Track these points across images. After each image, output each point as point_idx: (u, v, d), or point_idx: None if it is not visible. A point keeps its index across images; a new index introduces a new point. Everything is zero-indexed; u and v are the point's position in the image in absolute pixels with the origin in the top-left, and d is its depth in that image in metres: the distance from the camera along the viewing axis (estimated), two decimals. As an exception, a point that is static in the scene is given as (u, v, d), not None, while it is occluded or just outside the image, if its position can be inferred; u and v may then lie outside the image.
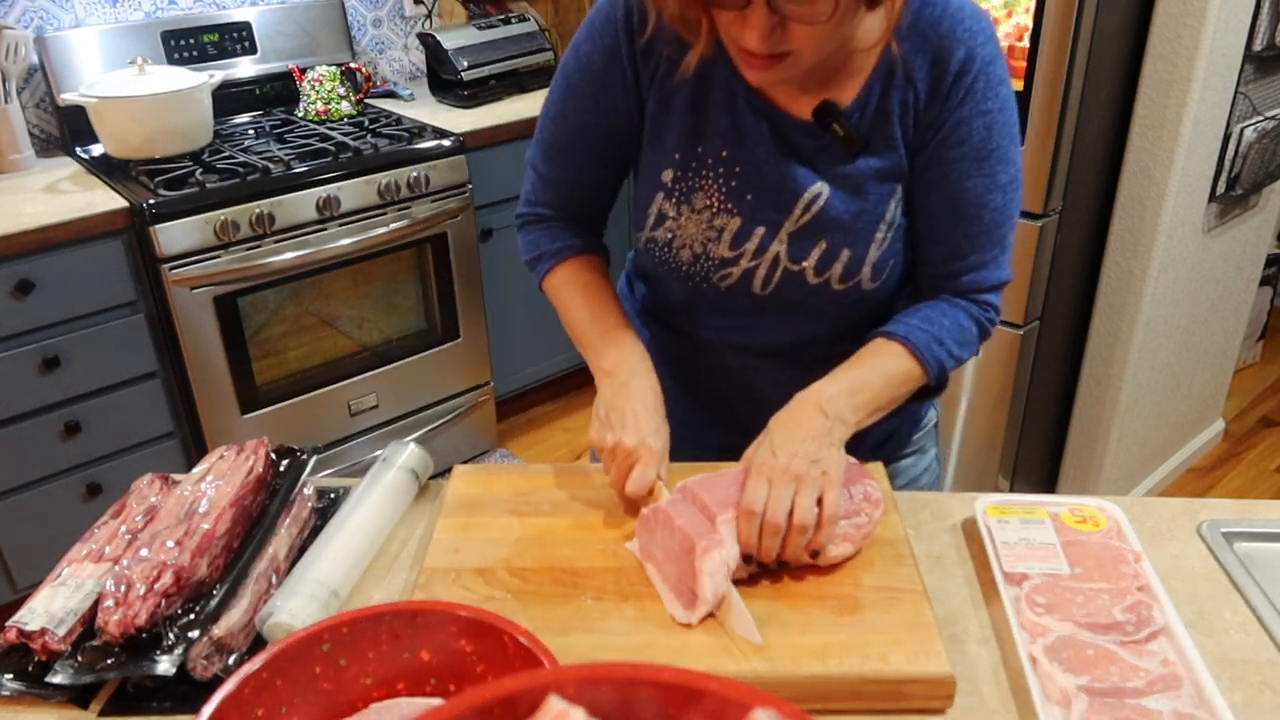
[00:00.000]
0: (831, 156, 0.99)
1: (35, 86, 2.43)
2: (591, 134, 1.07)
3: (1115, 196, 2.16)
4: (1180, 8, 1.94)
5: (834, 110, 0.97)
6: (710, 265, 1.05)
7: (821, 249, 1.01)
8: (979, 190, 0.98)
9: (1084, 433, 2.41)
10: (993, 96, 0.96)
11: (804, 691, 0.79)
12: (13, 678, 0.83)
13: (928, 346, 1.00)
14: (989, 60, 0.95)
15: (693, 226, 1.03)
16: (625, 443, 0.97)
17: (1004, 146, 0.98)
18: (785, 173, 1.00)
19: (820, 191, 0.99)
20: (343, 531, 0.96)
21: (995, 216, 1.00)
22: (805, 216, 1.00)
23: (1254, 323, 3.17)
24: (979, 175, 0.98)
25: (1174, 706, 0.76)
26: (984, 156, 0.97)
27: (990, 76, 0.95)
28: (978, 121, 0.96)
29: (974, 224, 1.00)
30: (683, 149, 1.02)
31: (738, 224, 1.02)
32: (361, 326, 2.50)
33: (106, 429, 2.17)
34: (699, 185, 1.02)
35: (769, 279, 1.04)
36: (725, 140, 1.00)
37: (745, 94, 0.99)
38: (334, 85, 2.61)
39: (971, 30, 0.95)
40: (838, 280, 1.02)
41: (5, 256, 1.93)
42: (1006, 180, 0.99)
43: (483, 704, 0.56)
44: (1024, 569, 0.91)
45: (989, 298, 1.05)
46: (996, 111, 0.96)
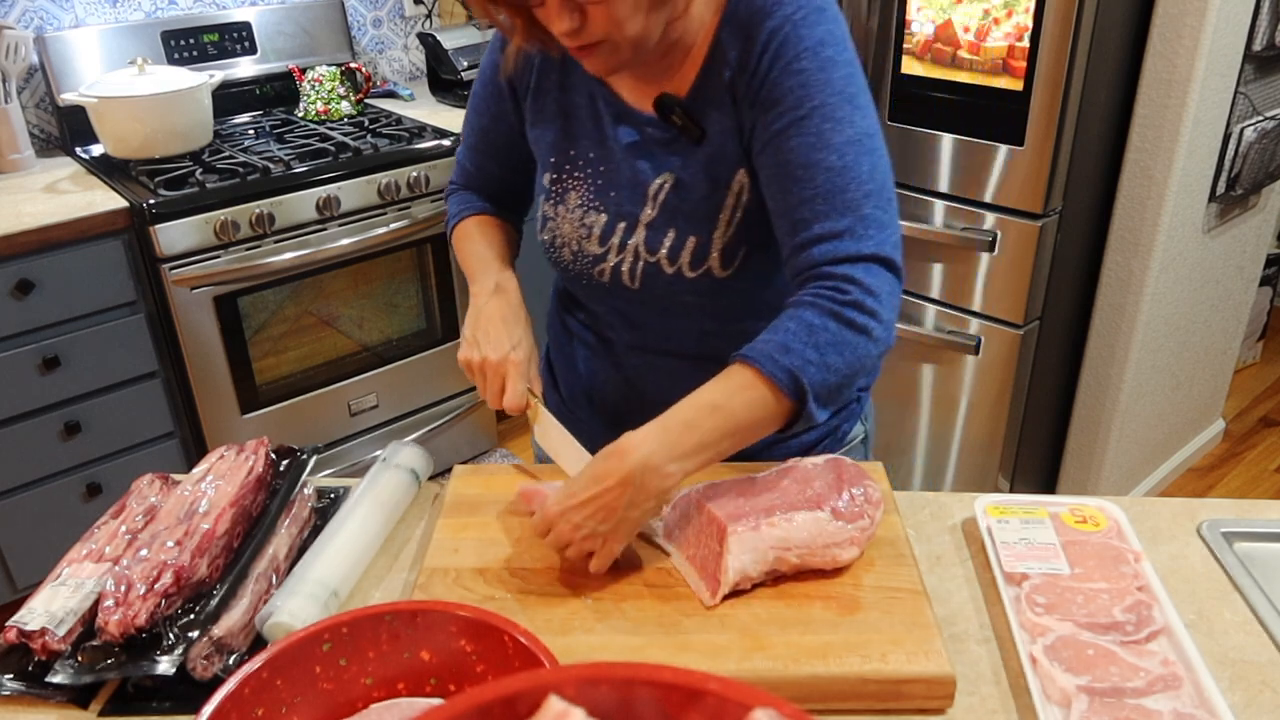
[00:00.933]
0: (677, 147, 1.02)
1: (35, 86, 2.43)
2: (488, 135, 1.17)
3: (1115, 196, 2.16)
4: (1180, 8, 1.94)
5: (672, 101, 1.00)
6: (586, 262, 1.08)
7: (671, 238, 1.03)
8: (803, 150, 0.91)
9: (1084, 433, 2.41)
10: (805, 55, 0.91)
11: (804, 691, 0.79)
12: (13, 678, 0.83)
13: (769, 358, 0.87)
14: (798, 22, 0.92)
15: (568, 226, 1.08)
16: (490, 358, 1.04)
17: (830, 104, 0.91)
18: (638, 166, 1.03)
19: (665, 181, 1.02)
20: (343, 531, 0.96)
21: (832, 177, 0.90)
22: (656, 206, 1.03)
23: (1254, 323, 3.17)
24: (800, 134, 0.91)
25: (1174, 706, 0.76)
26: (805, 116, 0.91)
27: (801, 37, 0.92)
28: (790, 81, 0.92)
29: (806, 186, 0.91)
30: (557, 153, 1.08)
31: (604, 220, 1.06)
32: (361, 326, 2.50)
33: (106, 429, 2.17)
34: (572, 185, 1.08)
35: (634, 272, 1.06)
36: (590, 141, 1.06)
37: (602, 94, 1.04)
38: (334, 85, 2.61)
39: (781, 1, 0.93)
40: (689, 268, 1.03)
41: (5, 256, 1.93)
42: (841, 141, 0.91)
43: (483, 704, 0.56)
44: (1024, 569, 0.91)
45: (852, 273, 0.90)
46: (814, 70, 0.91)
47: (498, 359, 1.04)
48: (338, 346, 2.48)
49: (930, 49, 2.04)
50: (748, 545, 0.86)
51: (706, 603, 0.87)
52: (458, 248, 1.20)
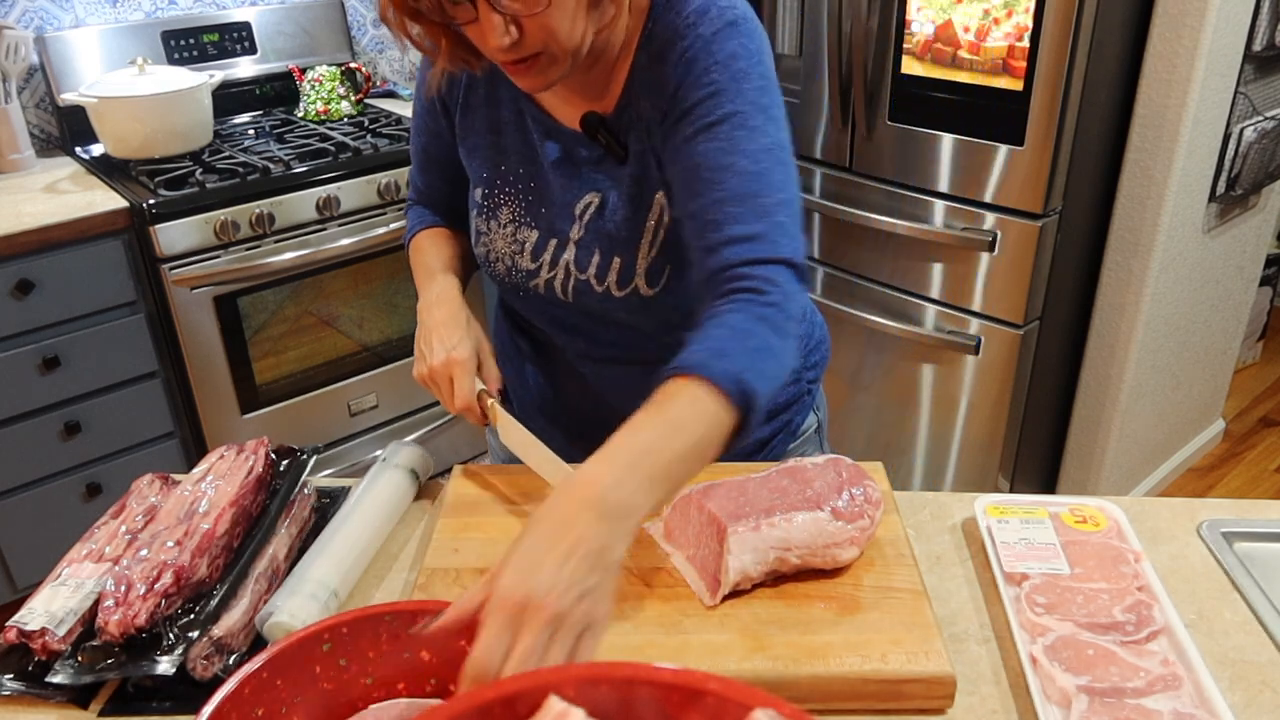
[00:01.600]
0: (603, 166, 1.01)
1: (35, 86, 2.43)
2: (428, 151, 1.17)
3: (1115, 196, 2.16)
4: (1180, 8, 1.94)
5: (596, 120, 0.99)
6: (520, 276, 1.08)
7: (598, 258, 1.02)
8: (713, 154, 0.90)
9: (1084, 433, 2.41)
10: (716, 69, 0.91)
11: (804, 691, 0.79)
12: (13, 678, 0.83)
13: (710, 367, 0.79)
14: (708, 39, 0.92)
15: (500, 241, 1.08)
16: (433, 364, 1.02)
17: (743, 113, 0.91)
18: (567, 185, 1.03)
19: (591, 201, 1.02)
20: (343, 531, 0.96)
21: (746, 181, 0.89)
22: (582, 226, 1.03)
23: (1254, 323, 3.17)
24: (710, 140, 0.91)
25: (1174, 706, 0.76)
26: (715, 124, 0.91)
27: (710, 51, 0.91)
28: (700, 93, 0.91)
29: (719, 188, 0.89)
30: (489, 168, 1.08)
31: (535, 236, 1.06)
32: (361, 326, 2.50)
33: (106, 429, 2.17)
34: (503, 200, 1.07)
35: (565, 287, 1.06)
36: (520, 157, 1.05)
37: (531, 111, 1.04)
38: (334, 85, 2.61)
39: (690, 17, 0.93)
40: (616, 287, 1.03)
41: (5, 256, 1.93)
42: (754, 148, 0.90)
43: (483, 704, 0.56)
44: (1024, 569, 0.91)
45: (771, 275, 0.87)
46: (725, 82, 0.91)
47: (440, 362, 1.03)
48: (338, 346, 2.48)
49: (930, 49, 2.04)
50: (748, 545, 0.86)
51: (707, 603, 0.87)
52: (411, 264, 1.19)
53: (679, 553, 0.93)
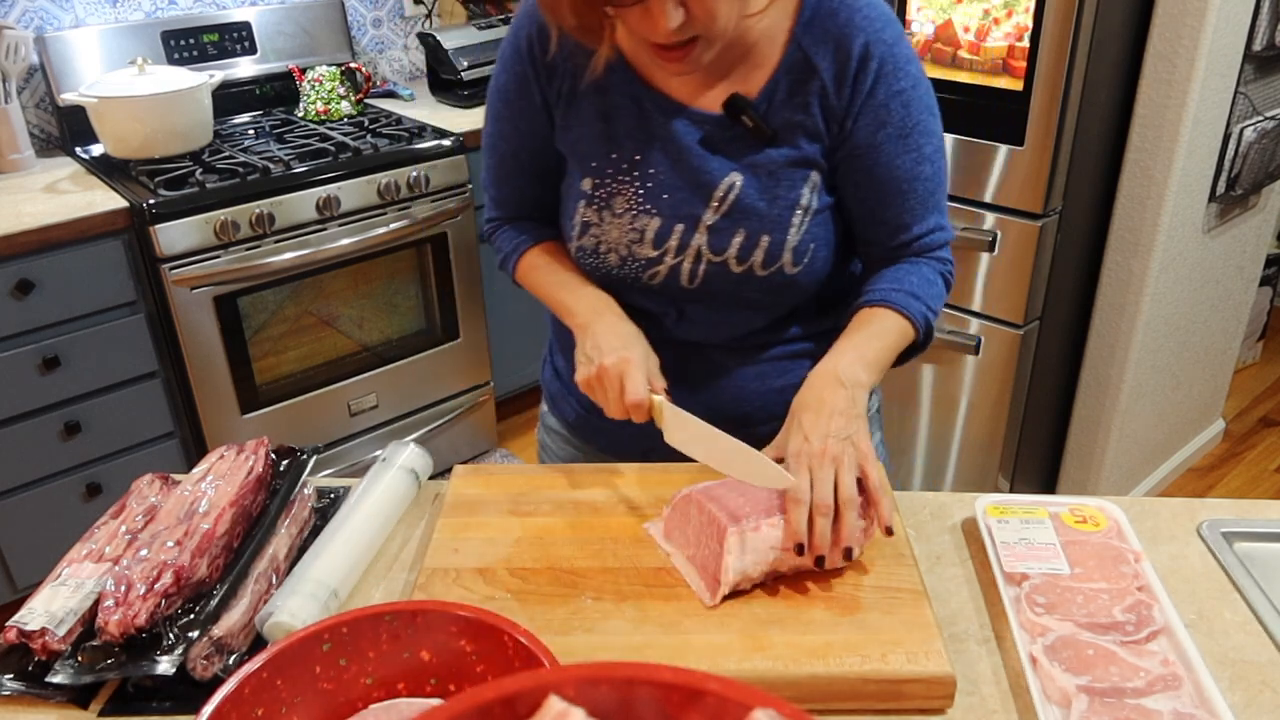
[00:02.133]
0: (742, 147, 1.02)
1: (35, 86, 2.43)
2: (520, 158, 1.14)
3: (1115, 196, 2.16)
4: (1180, 8, 1.94)
5: (743, 102, 1.00)
6: (637, 265, 1.07)
7: (741, 238, 1.03)
8: (908, 165, 1.03)
9: (1084, 433, 2.41)
10: (902, 76, 1.00)
11: (804, 691, 0.79)
12: (13, 678, 0.83)
13: (908, 303, 1.04)
14: (890, 43, 0.99)
15: (615, 231, 1.07)
16: (605, 364, 1.00)
17: (924, 120, 1.02)
18: (698, 167, 1.03)
19: (735, 181, 1.03)
20: (343, 531, 0.96)
21: (928, 186, 1.05)
22: (723, 207, 1.03)
23: (1254, 323, 3.17)
24: (905, 152, 1.02)
25: (1174, 706, 0.76)
26: (907, 134, 1.02)
27: (896, 58, 0.99)
28: (894, 103, 1.00)
29: (910, 198, 1.04)
30: (598, 158, 1.06)
31: (658, 223, 1.05)
32: (361, 326, 2.50)
33: (106, 429, 2.17)
34: (617, 190, 1.06)
35: (694, 273, 1.06)
36: (636, 144, 1.05)
37: (649, 97, 1.03)
38: (334, 85, 2.61)
39: (869, 18, 0.99)
40: (760, 267, 1.04)
41: (5, 256, 1.93)
42: (932, 150, 1.04)
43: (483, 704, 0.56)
44: (1024, 569, 0.91)
45: (941, 253, 1.09)
46: (910, 89, 1.01)
47: (612, 361, 0.99)
48: (338, 346, 2.48)
49: (930, 49, 2.04)
50: (748, 546, 0.86)
51: (707, 603, 0.87)
52: (530, 283, 1.17)
53: (679, 553, 0.93)
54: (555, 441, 1.29)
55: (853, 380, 0.97)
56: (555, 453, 1.30)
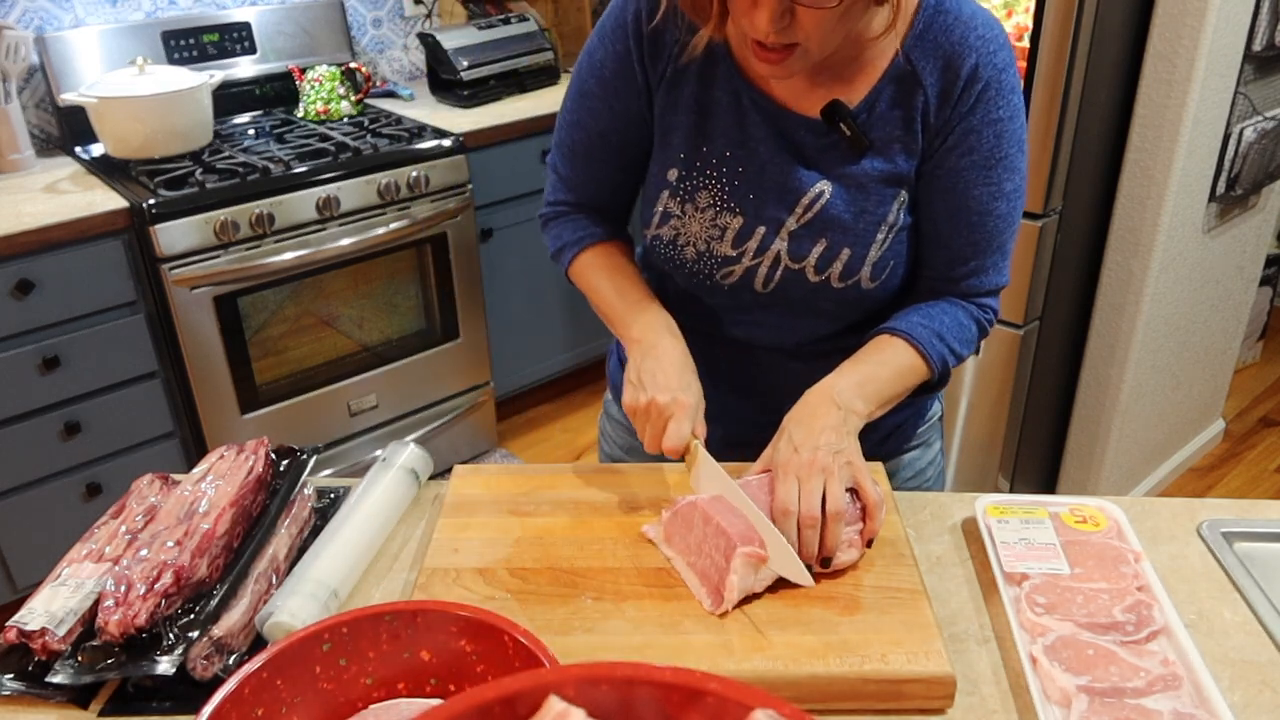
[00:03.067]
0: (835, 156, 1.00)
1: (35, 86, 2.43)
2: (608, 139, 1.08)
3: (1115, 196, 2.16)
4: (1180, 8, 1.94)
5: (843, 110, 0.98)
6: (714, 263, 1.05)
7: (822, 248, 1.01)
8: (984, 198, 1.00)
9: (1084, 433, 2.41)
10: (1003, 105, 0.97)
11: (804, 691, 0.79)
12: (13, 678, 0.83)
13: (930, 342, 1.01)
14: (1000, 69, 0.97)
15: (696, 225, 1.04)
16: (658, 400, 0.98)
17: (1011, 155, 0.99)
18: (788, 172, 1.00)
19: (823, 190, 1.00)
20: (343, 531, 0.96)
21: (998, 224, 1.02)
22: (807, 215, 1.01)
23: (1254, 323, 3.17)
24: (985, 184, 0.99)
25: (1174, 706, 0.76)
26: (992, 165, 0.99)
27: (1002, 85, 0.97)
28: (987, 130, 0.97)
29: (977, 230, 1.01)
30: (688, 149, 1.03)
31: (740, 223, 1.03)
32: (361, 326, 2.50)
33: (106, 429, 2.17)
34: (703, 184, 1.03)
35: (770, 277, 1.04)
36: (729, 140, 1.02)
37: (749, 94, 1.00)
38: (334, 85, 2.61)
39: (984, 38, 0.96)
40: (837, 279, 1.03)
41: (5, 256, 1.93)
42: (1011, 189, 1.01)
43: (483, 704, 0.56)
44: (1024, 569, 0.91)
45: (988, 300, 1.07)
46: (1007, 120, 0.98)
47: (666, 401, 0.97)
48: (338, 346, 2.48)
49: (930, 49, 2.03)
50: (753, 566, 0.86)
51: (708, 609, 0.87)
52: (585, 282, 1.13)
53: (679, 558, 0.92)
54: (615, 430, 1.29)
55: (847, 404, 0.95)
56: (614, 440, 1.29)
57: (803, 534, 0.88)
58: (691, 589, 0.89)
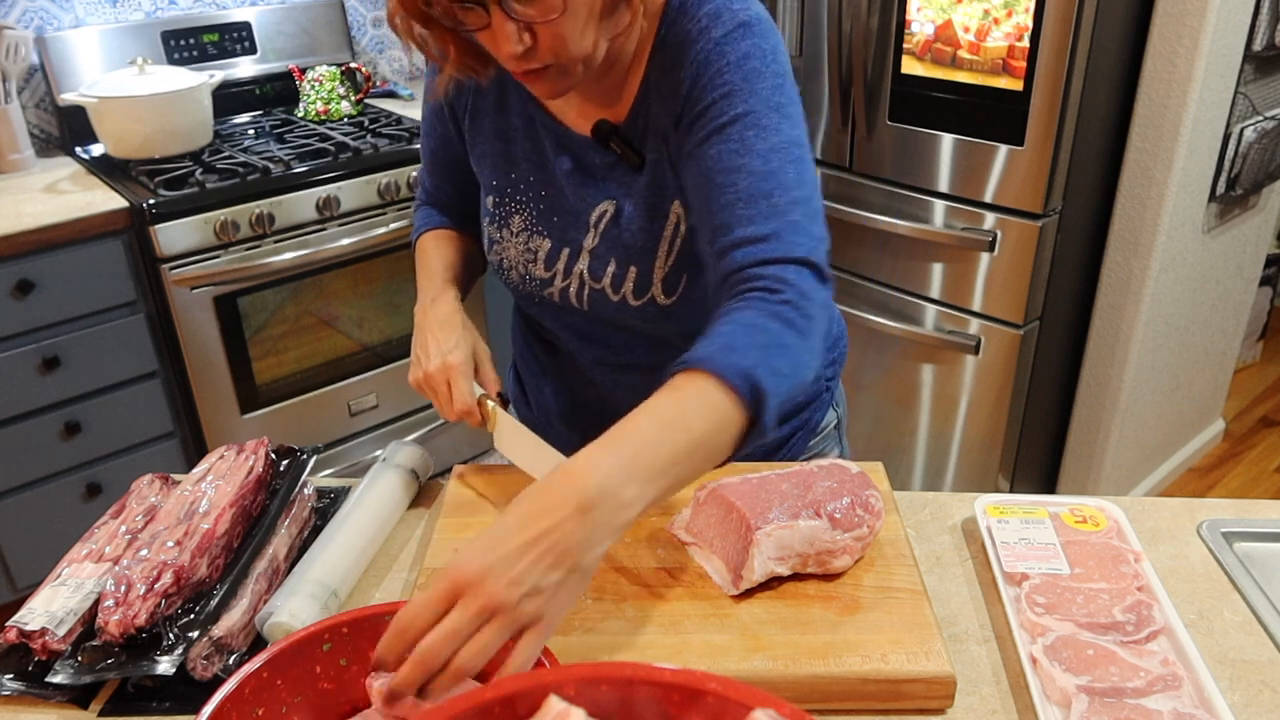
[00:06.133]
0: (617, 174, 1.00)
1: (35, 86, 2.43)
2: (437, 155, 1.16)
3: (1115, 196, 2.16)
4: (1180, 8, 1.94)
5: (609, 128, 0.98)
6: (535, 284, 1.08)
7: (613, 267, 1.02)
8: (725, 155, 0.89)
9: (1084, 433, 2.41)
10: (729, 69, 0.90)
11: (804, 691, 0.79)
12: (13, 678, 0.83)
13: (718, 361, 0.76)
14: (720, 40, 0.90)
15: (513, 249, 1.08)
16: (429, 369, 1.00)
17: (755, 113, 0.89)
18: (579, 193, 1.02)
19: (606, 209, 1.01)
20: (343, 531, 0.96)
21: (756, 182, 0.87)
22: (596, 236, 1.02)
23: (1254, 323, 3.17)
24: (724, 142, 0.89)
25: (1174, 706, 0.76)
26: (728, 123, 0.89)
27: (723, 52, 0.90)
28: (713, 94, 0.90)
29: (729, 191, 0.88)
30: (499, 176, 1.07)
31: (548, 245, 1.05)
32: (361, 326, 2.50)
33: (106, 429, 2.17)
34: (515, 209, 1.06)
35: (580, 296, 1.05)
36: (530, 165, 1.04)
37: (540, 118, 1.03)
38: (334, 85, 2.61)
39: (704, 25, 0.91)
40: (632, 297, 1.02)
41: (5, 256, 1.93)
42: (766, 148, 0.88)
43: (483, 704, 0.56)
44: (1024, 569, 0.91)
45: (782, 274, 0.84)
46: (738, 82, 0.90)
47: (436, 367, 1.00)
48: (338, 346, 2.48)
49: (930, 49, 2.04)
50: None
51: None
52: (416, 265, 1.18)
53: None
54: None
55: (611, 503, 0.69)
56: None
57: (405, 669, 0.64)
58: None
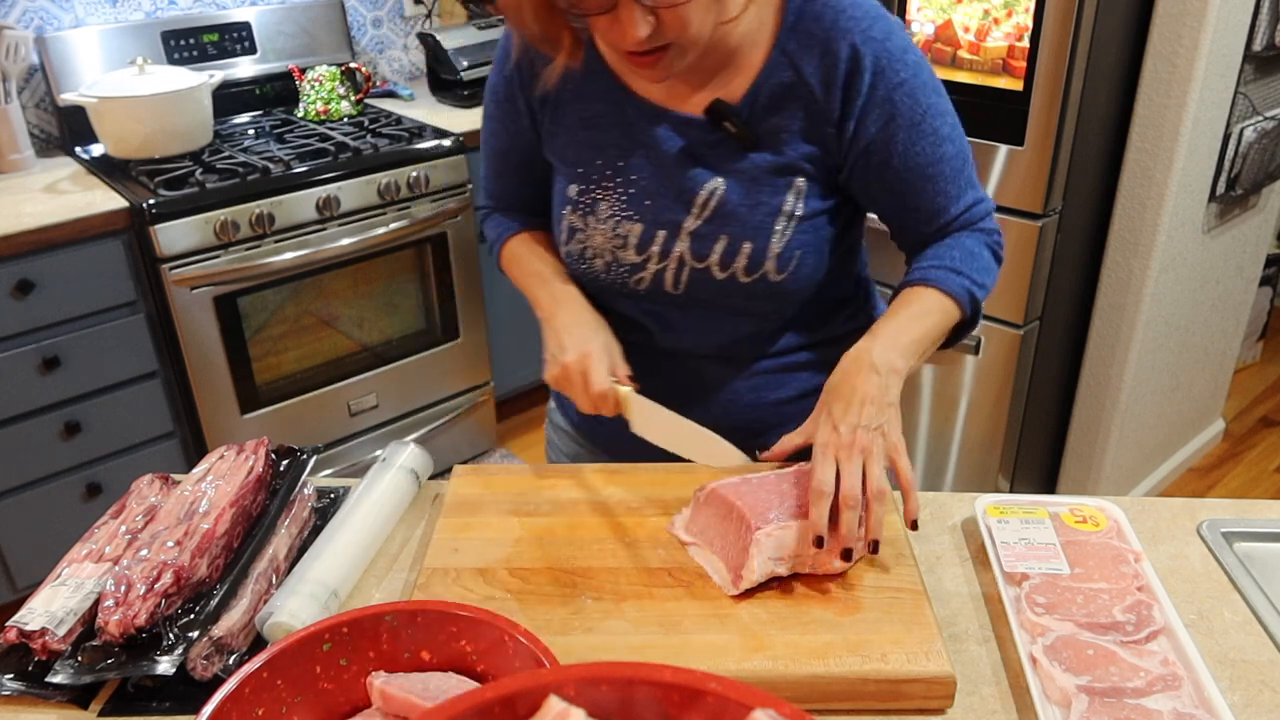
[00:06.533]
0: (724, 152, 1.02)
1: (35, 86, 2.43)
2: (508, 157, 1.15)
3: (1115, 196, 2.16)
4: (1180, 8, 1.94)
5: (725, 108, 1.00)
6: (623, 271, 1.07)
7: (723, 244, 1.03)
8: (928, 150, 1.01)
9: (1084, 433, 2.41)
10: (900, 68, 0.98)
11: (804, 691, 0.79)
12: (13, 678, 0.83)
13: (948, 279, 1.02)
14: (881, 39, 0.97)
15: (599, 236, 1.07)
16: (567, 362, 1.00)
17: (933, 103, 1.01)
18: (681, 173, 1.03)
19: (716, 187, 1.02)
20: (343, 531, 0.96)
21: (954, 165, 1.03)
22: (705, 213, 1.03)
23: (1254, 323, 3.17)
24: (921, 139, 1.00)
25: (1174, 706, 0.76)
26: (918, 121, 1.00)
27: (890, 52, 0.98)
28: (897, 94, 0.98)
29: (938, 180, 1.02)
30: (582, 163, 1.06)
31: (640, 229, 1.05)
32: (361, 326, 2.50)
33: (106, 429, 2.17)
34: (601, 195, 1.06)
35: (678, 279, 1.06)
36: (619, 150, 1.04)
37: (631, 102, 1.03)
38: (334, 85, 2.61)
39: (854, 18, 0.97)
40: (743, 273, 1.03)
41: (5, 256, 1.93)
42: (948, 130, 1.02)
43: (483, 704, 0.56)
44: (1024, 569, 0.91)
45: (985, 224, 1.07)
46: (910, 79, 0.99)
47: (574, 359, 1.00)
48: (338, 346, 2.48)
49: (930, 49, 2.04)
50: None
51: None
52: (510, 272, 1.18)
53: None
54: (561, 439, 1.30)
55: (887, 366, 0.95)
56: (561, 449, 1.30)
57: (842, 515, 0.88)
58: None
